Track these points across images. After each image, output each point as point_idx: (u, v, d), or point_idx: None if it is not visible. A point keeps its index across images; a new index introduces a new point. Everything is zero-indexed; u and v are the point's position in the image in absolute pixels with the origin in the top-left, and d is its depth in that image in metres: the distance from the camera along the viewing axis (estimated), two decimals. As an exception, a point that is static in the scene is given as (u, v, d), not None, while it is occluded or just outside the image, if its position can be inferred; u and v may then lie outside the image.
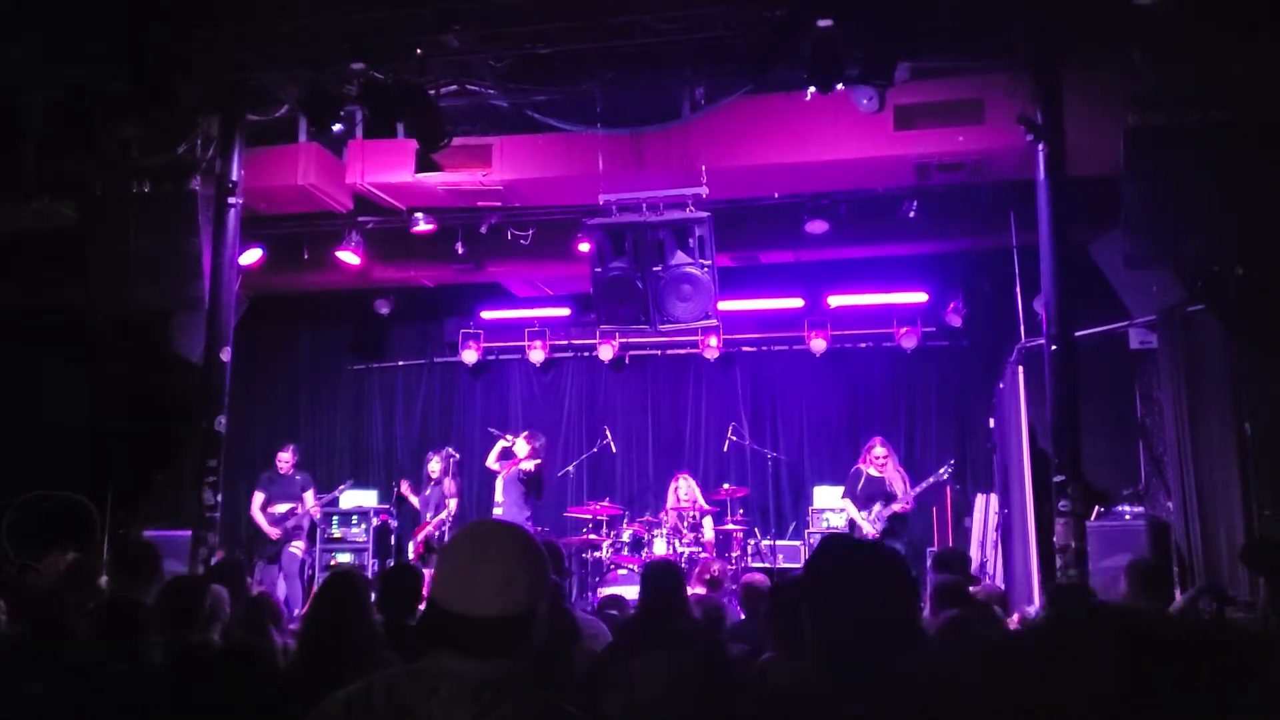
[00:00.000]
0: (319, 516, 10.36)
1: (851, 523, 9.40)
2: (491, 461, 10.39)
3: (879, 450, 9.31)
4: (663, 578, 4.18)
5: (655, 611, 3.93)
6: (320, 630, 3.60)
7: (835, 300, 11.49)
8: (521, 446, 10.13)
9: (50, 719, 3.30)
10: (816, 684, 1.96)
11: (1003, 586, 8.40)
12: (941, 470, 9.47)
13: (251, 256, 9.59)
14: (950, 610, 3.81)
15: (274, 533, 9.86)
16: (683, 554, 9.56)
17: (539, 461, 10.07)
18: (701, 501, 10.16)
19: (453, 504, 10.17)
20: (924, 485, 9.40)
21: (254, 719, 3.11)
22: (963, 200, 9.00)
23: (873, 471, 9.23)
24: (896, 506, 9.07)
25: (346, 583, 3.76)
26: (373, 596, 4.60)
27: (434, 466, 10.38)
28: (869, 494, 9.22)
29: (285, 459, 10.19)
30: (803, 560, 10.31)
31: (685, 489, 10.19)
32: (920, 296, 11.22)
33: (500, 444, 10.40)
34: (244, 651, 4.12)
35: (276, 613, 5.35)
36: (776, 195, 9.33)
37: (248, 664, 3.65)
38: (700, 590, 6.68)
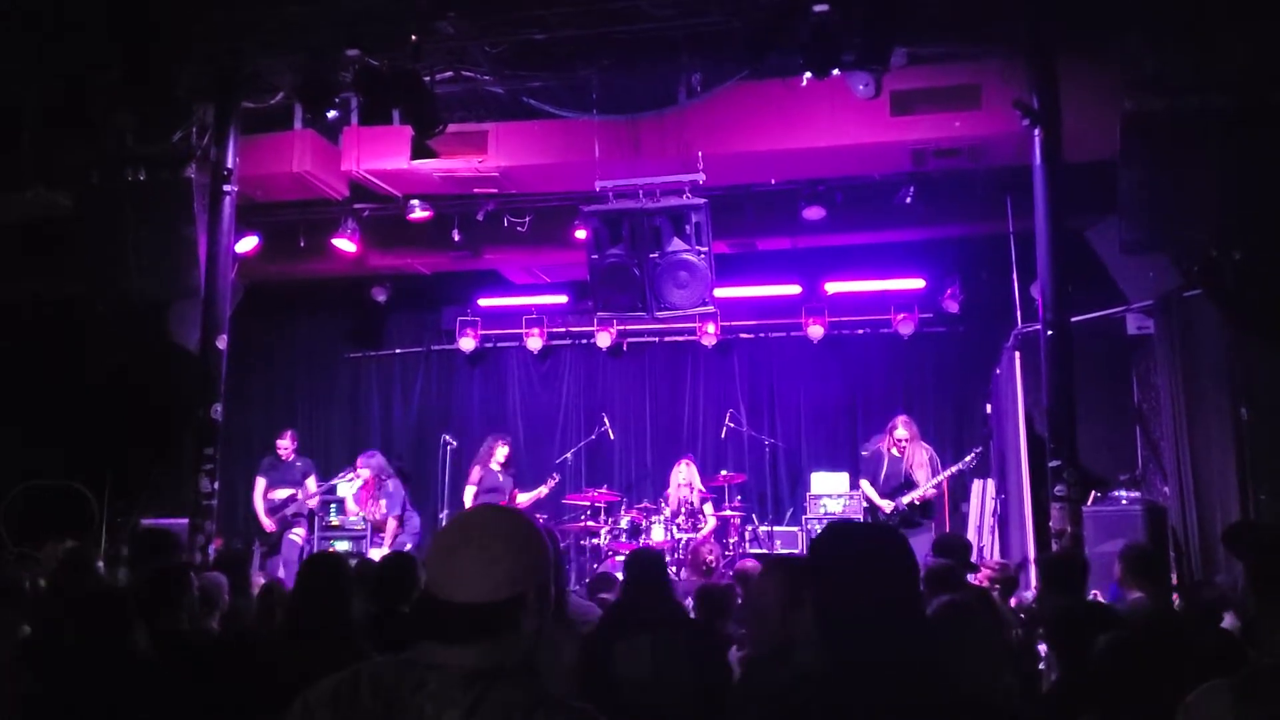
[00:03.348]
0: (318, 504, 10.36)
1: (868, 509, 9.12)
2: (352, 499, 10.32)
3: (901, 432, 8.92)
4: (646, 563, 4.20)
5: (639, 596, 3.94)
6: (295, 615, 3.59)
7: (832, 287, 11.50)
8: (364, 473, 10.12)
9: (45, 711, 3.31)
10: (817, 669, 1.96)
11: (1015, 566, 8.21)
12: (968, 458, 9.15)
13: (247, 244, 9.58)
14: (942, 596, 3.82)
15: (269, 524, 9.84)
16: (680, 540, 9.58)
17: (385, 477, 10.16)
18: (700, 486, 10.17)
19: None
20: (947, 474, 8.98)
21: (244, 705, 3.12)
22: (959, 186, 8.99)
23: (894, 453, 8.92)
24: (914, 496, 8.74)
25: (320, 567, 3.75)
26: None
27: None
28: (891, 479, 8.85)
29: (285, 445, 10.19)
30: (801, 546, 10.34)
31: (686, 474, 10.20)
32: (917, 283, 11.22)
33: (343, 484, 10.38)
34: (239, 639, 4.14)
35: (286, 601, 5.35)
36: (773, 182, 9.32)
37: (241, 652, 3.67)
38: (694, 577, 6.70)
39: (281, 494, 9.98)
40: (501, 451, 10.19)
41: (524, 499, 10.20)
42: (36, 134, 8.29)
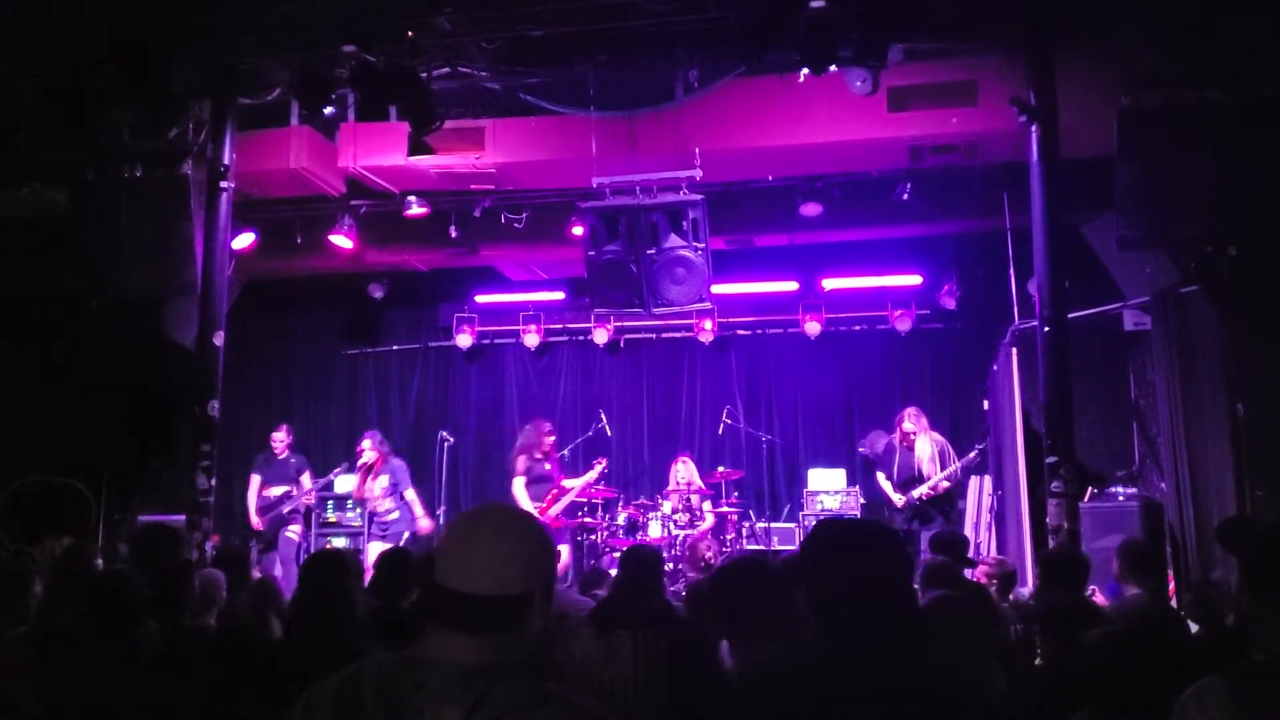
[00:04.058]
0: (314, 501, 10.35)
1: (865, 505, 9.04)
2: (359, 487, 9.83)
3: (908, 425, 8.90)
4: (638, 561, 4.19)
5: (627, 593, 3.94)
6: (302, 613, 3.60)
7: (830, 283, 11.50)
8: (370, 455, 9.66)
9: (47, 707, 3.32)
10: (805, 664, 1.97)
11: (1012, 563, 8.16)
12: (972, 454, 9.13)
13: (244, 241, 9.57)
14: (936, 590, 3.82)
15: (257, 522, 9.81)
16: (677, 537, 9.59)
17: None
18: (699, 483, 10.18)
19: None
20: (953, 469, 8.93)
21: (246, 702, 3.13)
22: (956, 183, 8.98)
23: (904, 447, 8.91)
24: (925, 489, 8.73)
25: (327, 564, 3.76)
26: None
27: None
28: (902, 472, 8.83)
29: (280, 439, 10.15)
30: (797, 542, 10.35)
31: (685, 472, 10.20)
32: (914, 279, 11.22)
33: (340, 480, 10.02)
34: (238, 636, 4.14)
35: (279, 598, 5.37)
36: (770, 178, 9.31)
37: (241, 648, 3.67)
38: (694, 575, 6.69)
39: (276, 490, 9.96)
40: (549, 439, 9.78)
41: (573, 484, 9.86)
42: (32, 131, 8.27)
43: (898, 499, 8.86)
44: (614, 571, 6.79)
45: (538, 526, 1.84)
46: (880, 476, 9.19)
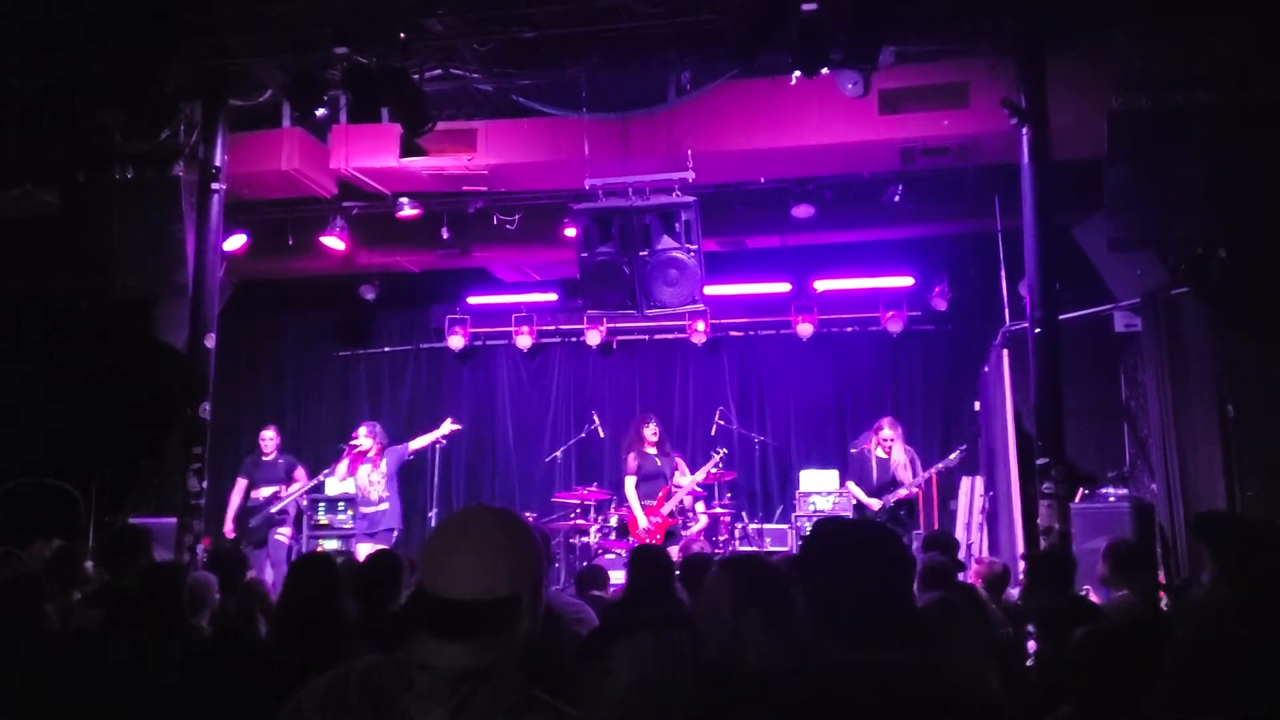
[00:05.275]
0: (305, 502, 10.32)
1: (857, 506, 9.16)
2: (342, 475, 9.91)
3: (887, 432, 8.99)
4: (651, 562, 4.19)
5: (641, 594, 3.94)
6: (289, 615, 3.60)
7: (822, 285, 11.52)
8: (366, 442, 9.65)
9: (38, 708, 3.30)
10: (804, 665, 1.97)
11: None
12: (952, 455, 9.20)
13: (235, 243, 9.55)
14: (935, 592, 3.84)
15: (230, 529, 9.80)
16: (670, 538, 9.58)
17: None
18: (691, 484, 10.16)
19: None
20: (933, 470, 9.08)
21: (240, 705, 3.12)
22: (948, 184, 9.01)
23: (880, 454, 8.99)
24: (902, 493, 8.84)
25: (313, 567, 3.76)
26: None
27: None
28: (877, 479, 8.93)
29: (269, 438, 10.11)
30: (790, 544, 10.36)
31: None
32: (906, 281, 11.25)
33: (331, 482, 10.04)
34: (231, 639, 4.13)
35: (266, 600, 5.36)
36: (763, 180, 9.33)
37: (235, 651, 3.66)
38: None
39: (265, 491, 9.93)
40: (650, 431, 9.61)
41: (684, 481, 9.71)
42: (23, 131, 8.24)
43: (874, 504, 8.92)
44: (613, 571, 6.79)
45: (523, 526, 1.83)
46: (851, 484, 9.24)
